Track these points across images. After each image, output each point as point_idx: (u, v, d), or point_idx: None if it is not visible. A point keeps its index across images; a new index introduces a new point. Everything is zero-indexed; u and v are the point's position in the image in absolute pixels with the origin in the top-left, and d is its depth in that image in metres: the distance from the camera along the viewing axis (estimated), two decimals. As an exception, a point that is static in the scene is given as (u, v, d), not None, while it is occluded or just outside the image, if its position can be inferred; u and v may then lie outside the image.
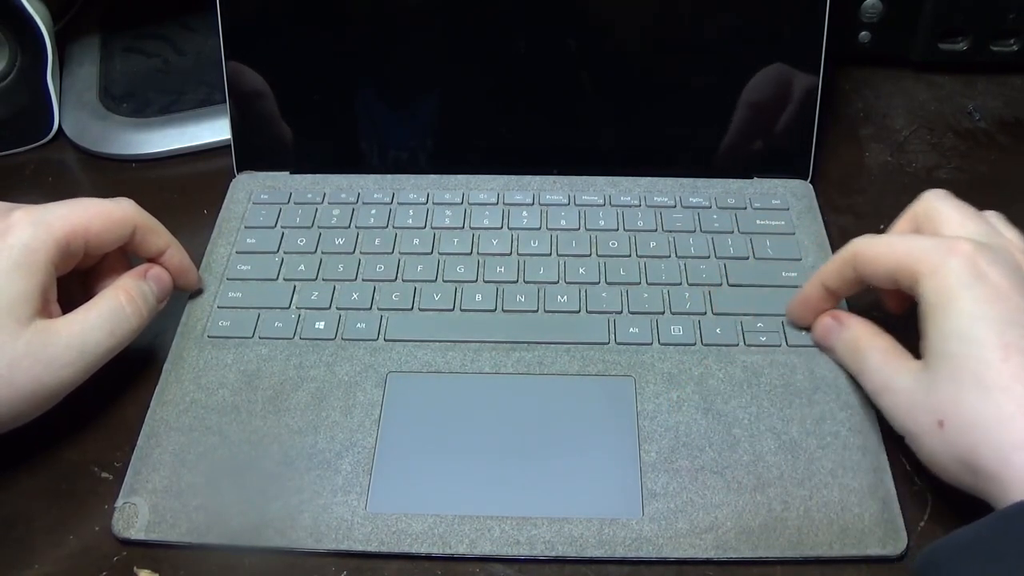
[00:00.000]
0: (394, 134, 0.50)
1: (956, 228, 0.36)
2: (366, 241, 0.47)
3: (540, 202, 0.49)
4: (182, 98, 0.56)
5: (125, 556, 0.35)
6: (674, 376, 0.40)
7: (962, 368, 0.32)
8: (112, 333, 0.38)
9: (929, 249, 0.34)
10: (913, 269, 0.34)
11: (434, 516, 0.36)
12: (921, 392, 0.33)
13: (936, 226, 0.36)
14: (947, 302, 0.33)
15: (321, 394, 0.40)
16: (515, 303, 0.43)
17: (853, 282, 0.38)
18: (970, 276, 0.33)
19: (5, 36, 0.53)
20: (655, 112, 0.49)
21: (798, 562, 0.35)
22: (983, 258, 0.33)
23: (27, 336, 0.35)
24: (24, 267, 0.35)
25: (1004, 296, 0.32)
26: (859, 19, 0.56)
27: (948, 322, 0.33)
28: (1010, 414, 0.31)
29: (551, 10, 0.48)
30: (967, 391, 0.32)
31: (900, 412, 0.35)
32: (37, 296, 0.36)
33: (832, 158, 0.53)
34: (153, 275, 0.41)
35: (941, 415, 0.32)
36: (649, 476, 0.37)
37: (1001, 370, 0.31)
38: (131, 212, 0.39)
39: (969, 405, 0.32)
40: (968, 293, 0.33)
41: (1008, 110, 0.56)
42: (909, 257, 0.35)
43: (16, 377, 0.35)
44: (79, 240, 0.37)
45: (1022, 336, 0.32)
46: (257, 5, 0.49)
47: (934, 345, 0.33)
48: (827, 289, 0.39)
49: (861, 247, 0.37)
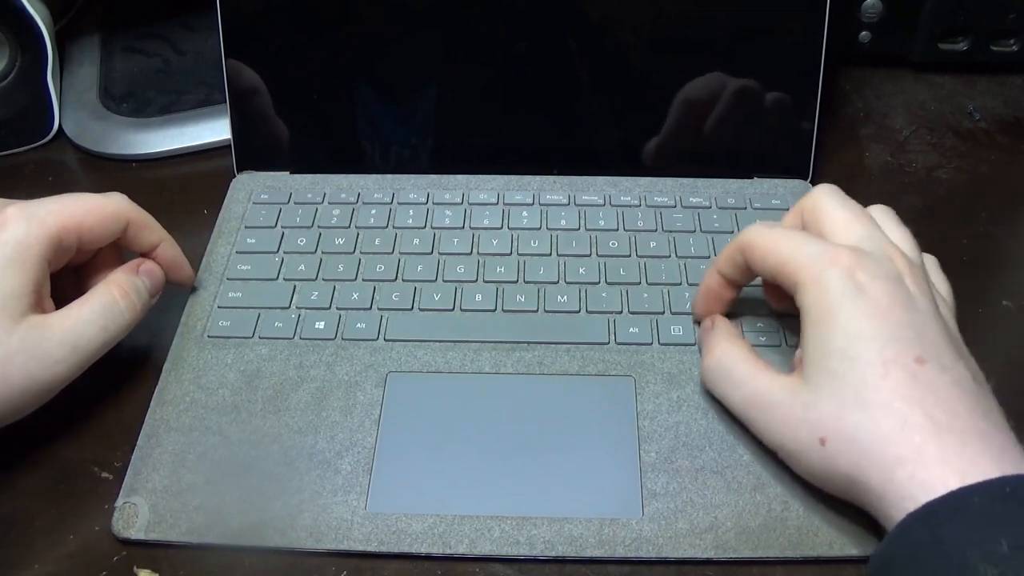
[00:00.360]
0: (394, 134, 0.50)
1: (841, 228, 0.35)
2: (366, 241, 0.47)
3: (540, 202, 0.49)
4: (182, 98, 0.56)
5: (125, 556, 0.35)
6: (674, 376, 0.40)
7: (844, 385, 0.32)
8: (105, 328, 0.37)
9: (811, 257, 0.34)
10: (794, 276, 0.34)
11: (434, 516, 0.36)
12: (800, 408, 0.33)
13: (821, 225, 0.36)
14: (827, 317, 0.33)
15: (321, 394, 0.40)
16: (515, 303, 0.43)
17: (745, 269, 0.37)
18: (850, 290, 0.33)
19: (5, 36, 0.53)
20: (655, 112, 0.49)
21: (798, 562, 0.35)
22: (863, 271, 0.33)
23: (20, 332, 0.35)
24: (17, 263, 0.35)
25: (883, 311, 0.32)
26: (859, 19, 0.56)
27: (829, 338, 0.33)
28: (890, 430, 0.31)
29: (551, 10, 0.48)
30: (848, 409, 0.32)
31: (776, 428, 0.34)
32: (30, 292, 0.36)
33: (832, 158, 0.53)
34: (145, 269, 0.41)
35: (822, 432, 0.32)
36: (649, 476, 0.37)
37: (880, 387, 0.31)
38: (123, 207, 0.39)
39: (851, 422, 0.31)
40: (847, 308, 0.32)
41: (1008, 110, 0.56)
42: (791, 262, 0.34)
43: (9, 373, 0.35)
44: (72, 235, 0.37)
45: (901, 352, 0.32)
46: (257, 5, 0.49)
47: (814, 360, 0.33)
48: (723, 276, 0.39)
49: (751, 237, 0.36)
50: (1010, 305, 0.45)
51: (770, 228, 0.36)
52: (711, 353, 0.38)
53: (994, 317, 0.44)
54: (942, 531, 0.28)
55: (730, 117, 0.49)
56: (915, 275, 0.34)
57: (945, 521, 0.28)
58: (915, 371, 0.31)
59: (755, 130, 0.49)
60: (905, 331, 0.32)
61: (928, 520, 0.29)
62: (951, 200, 0.51)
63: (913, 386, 0.31)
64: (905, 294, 0.33)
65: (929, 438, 0.30)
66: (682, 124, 0.49)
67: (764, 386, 0.35)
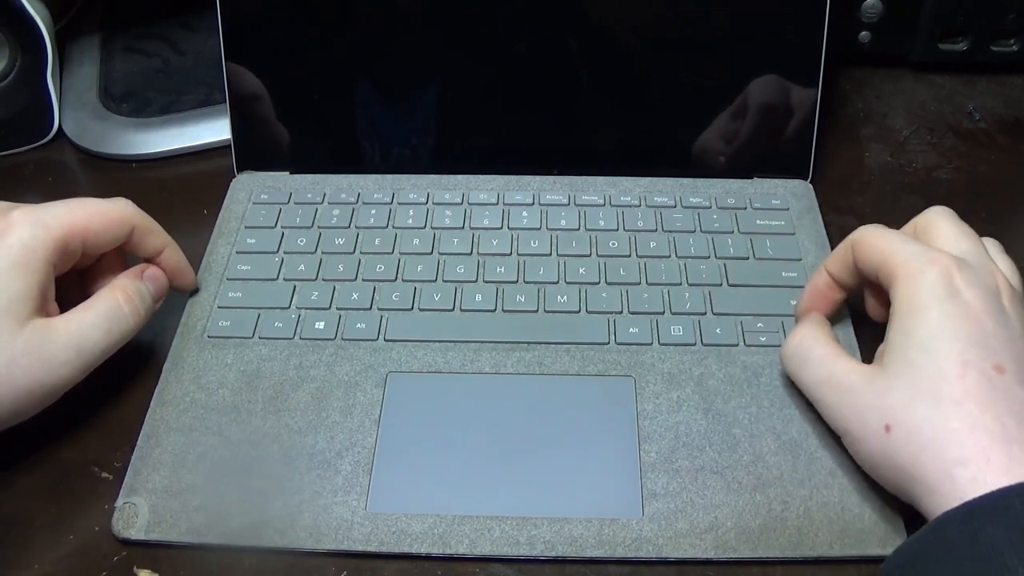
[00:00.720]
0: (394, 134, 0.50)
1: (949, 241, 0.36)
2: (366, 241, 0.47)
3: (540, 202, 0.49)
4: (182, 98, 0.56)
5: (125, 556, 0.35)
6: (674, 376, 0.40)
7: (919, 377, 0.32)
8: (109, 332, 0.38)
9: (912, 254, 0.34)
10: (892, 269, 0.34)
11: (434, 516, 0.36)
12: (873, 393, 0.33)
13: (930, 237, 0.36)
14: (916, 310, 0.33)
15: (321, 394, 0.40)
16: (515, 303, 0.43)
17: (853, 269, 0.37)
18: (944, 289, 0.33)
19: (5, 36, 0.53)
20: (655, 112, 0.49)
21: (798, 562, 0.35)
22: (960, 275, 0.33)
23: (26, 335, 0.35)
24: (23, 266, 0.35)
25: (973, 316, 0.32)
26: (859, 19, 0.56)
27: (914, 330, 0.33)
28: (957, 429, 0.31)
29: (551, 10, 0.48)
30: (920, 400, 0.32)
31: (845, 409, 0.34)
32: (36, 295, 0.36)
33: (832, 158, 0.53)
34: (149, 275, 0.41)
35: (890, 419, 0.32)
36: (649, 476, 0.37)
37: (956, 385, 0.31)
38: (129, 212, 0.40)
39: (920, 414, 0.32)
40: (938, 306, 0.33)
41: (1008, 110, 0.56)
42: (893, 256, 0.35)
43: (14, 375, 0.35)
44: (77, 239, 0.37)
45: (983, 357, 0.32)
46: (257, 5, 0.49)
47: (896, 350, 0.33)
48: (831, 275, 0.39)
49: (862, 233, 0.37)
50: (1010, 305, 0.45)
51: (881, 228, 0.37)
52: (793, 336, 0.38)
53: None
54: (981, 532, 0.28)
55: (730, 117, 0.49)
56: (1012, 296, 0.34)
57: (985, 522, 0.28)
58: (993, 377, 0.31)
59: (755, 130, 0.49)
60: (990, 340, 0.32)
61: (967, 519, 0.29)
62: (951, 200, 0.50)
63: (989, 391, 0.31)
64: (998, 307, 0.33)
65: (997, 444, 0.30)
66: (682, 124, 0.49)
67: (841, 369, 0.35)
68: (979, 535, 0.28)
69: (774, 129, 0.49)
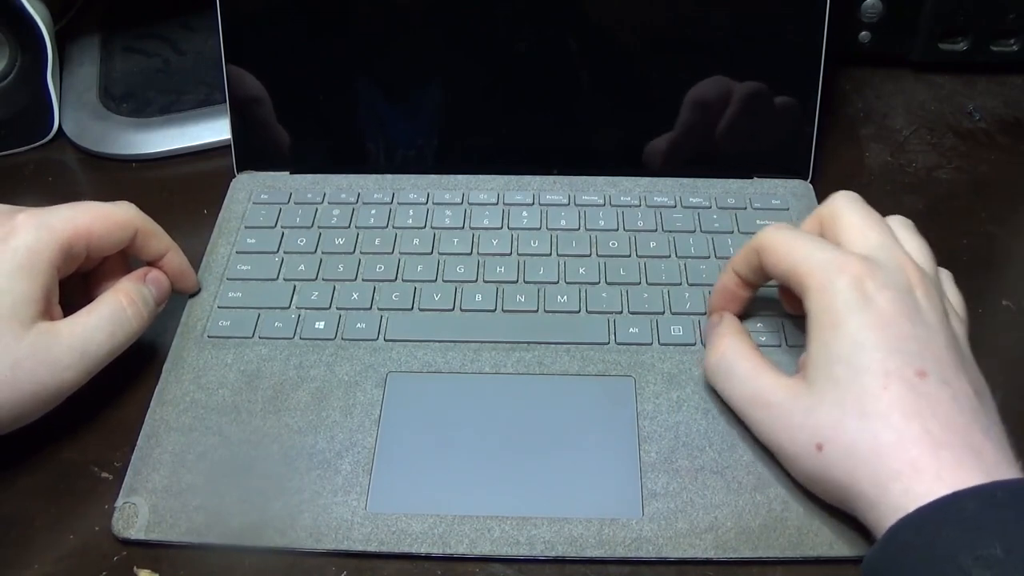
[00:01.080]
0: (394, 134, 0.50)
1: (856, 236, 0.35)
2: (366, 241, 0.47)
3: (540, 202, 0.49)
4: (182, 98, 0.56)
5: (125, 556, 0.35)
6: (674, 376, 0.40)
7: (845, 393, 0.32)
8: (113, 335, 0.38)
9: (820, 264, 0.34)
10: (802, 280, 0.34)
11: (434, 516, 0.36)
12: (800, 412, 0.33)
13: (837, 232, 0.36)
14: (833, 324, 0.33)
15: (321, 394, 0.40)
16: (515, 303, 0.43)
17: (759, 270, 0.37)
18: (857, 299, 0.33)
19: (5, 36, 0.53)
20: (655, 112, 0.49)
21: (798, 562, 0.35)
22: (872, 279, 0.33)
23: (30, 338, 0.35)
24: (27, 269, 0.35)
25: (889, 322, 0.32)
26: (859, 19, 0.56)
27: (834, 345, 0.33)
28: (888, 442, 0.31)
29: (551, 10, 0.48)
30: (848, 418, 0.32)
31: (775, 429, 0.34)
32: (40, 298, 0.36)
33: (832, 158, 0.53)
34: (152, 278, 0.41)
35: (821, 439, 0.32)
36: (649, 476, 0.37)
37: (880, 398, 0.31)
38: (132, 215, 0.40)
39: (850, 431, 0.31)
40: (854, 318, 0.32)
41: (1008, 110, 0.56)
42: (802, 266, 0.34)
43: (18, 378, 0.35)
44: (81, 243, 0.38)
45: (904, 364, 0.32)
46: (257, 5, 0.49)
47: (818, 365, 0.33)
48: (738, 275, 0.39)
49: (767, 239, 0.36)
50: (1010, 305, 0.45)
51: (786, 231, 0.36)
52: (715, 348, 0.38)
53: (994, 317, 0.44)
54: (934, 536, 0.28)
55: (730, 117, 0.49)
56: (926, 287, 0.34)
57: (937, 526, 0.28)
58: (915, 384, 0.31)
59: (755, 130, 0.49)
60: (909, 343, 0.32)
61: (919, 525, 0.29)
62: (951, 200, 0.51)
63: (913, 399, 0.31)
64: (913, 306, 0.33)
65: (925, 452, 0.30)
66: (682, 124, 0.49)
67: (766, 385, 0.35)
68: (935, 540, 0.28)
69: (774, 129, 0.49)
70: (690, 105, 0.49)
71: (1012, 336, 0.43)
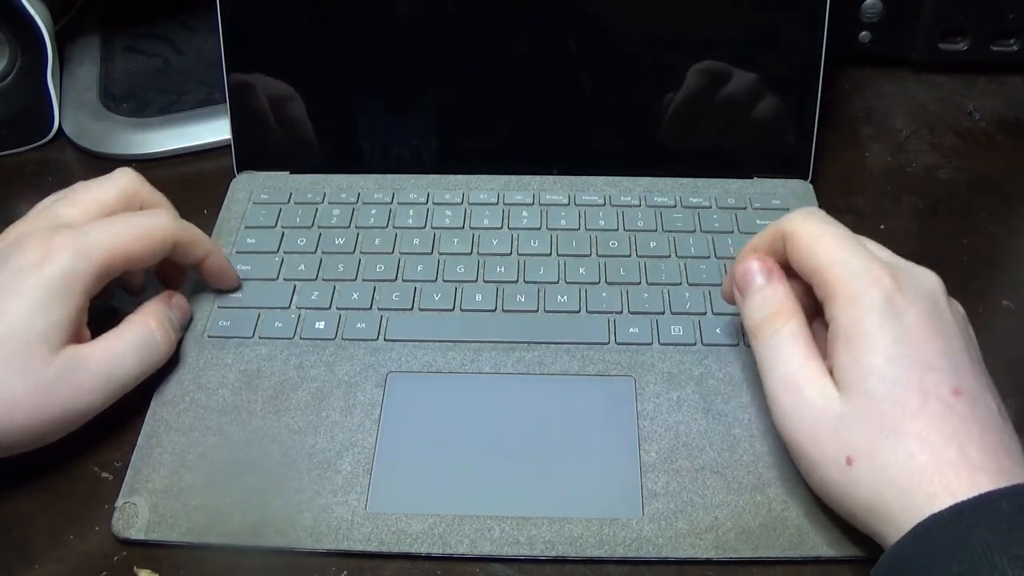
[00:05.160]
0: (394, 134, 0.50)
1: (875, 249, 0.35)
2: (366, 241, 0.47)
3: (540, 202, 0.49)
4: (182, 98, 0.56)
5: (125, 556, 0.35)
6: (674, 376, 0.40)
7: (880, 409, 0.31)
8: (142, 361, 0.38)
9: (852, 273, 0.33)
10: (831, 286, 0.33)
11: (434, 516, 0.36)
12: (832, 418, 0.32)
13: None
14: (864, 335, 0.32)
15: (321, 394, 0.40)
16: (515, 303, 0.43)
17: (782, 256, 0.36)
18: (889, 313, 0.32)
19: (5, 36, 0.53)
20: (655, 112, 0.49)
21: (798, 562, 0.35)
22: (902, 294, 0.32)
23: (58, 363, 0.35)
24: (60, 295, 0.35)
25: (922, 337, 0.32)
26: (859, 19, 0.56)
27: (865, 357, 0.32)
28: (923, 465, 0.30)
29: (551, 10, 0.48)
30: (883, 435, 0.31)
31: (801, 426, 0.33)
32: (71, 323, 0.36)
33: (832, 158, 0.53)
34: (176, 303, 0.41)
35: (852, 452, 0.31)
36: (649, 476, 0.37)
37: (918, 418, 0.31)
38: (172, 230, 0.39)
39: (884, 449, 0.31)
40: (888, 332, 0.32)
41: (1008, 110, 0.56)
42: (831, 272, 0.33)
43: (45, 403, 0.35)
44: (118, 265, 0.37)
45: (939, 382, 0.31)
46: (257, 5, 0.49)
47: (851, 378, 0.32)
48: None
49: (797, 228, 0.35)
50: (1010, 305, 0.45)
51: (817, 223, 0.35)
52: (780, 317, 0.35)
53: (994, 317, 0.44)
54: (970, 533, 0.28)
55: (730, 117, 0.49)
56: (947, 298, 0.34)
57: (974, 523, 0.28)
58: (951, 403, 0.31)
59: (755, 130, 0.49)
60: (942, 360, 0.32)
61: (953, 522, 0.28)
62: (951, 200, 0.51)
63: (950, 420, 0.30)
64: (942, 319, 0.33)
65: (963, 476, 0.29)
66: (682, 124, 0.49)
67: (808, 376, 0.33)
68: (968, 536, 0.28)
69: (774, 129, 0.49)
70: (690, 105, 0.49)
71: (1012, 336, 0.43)
